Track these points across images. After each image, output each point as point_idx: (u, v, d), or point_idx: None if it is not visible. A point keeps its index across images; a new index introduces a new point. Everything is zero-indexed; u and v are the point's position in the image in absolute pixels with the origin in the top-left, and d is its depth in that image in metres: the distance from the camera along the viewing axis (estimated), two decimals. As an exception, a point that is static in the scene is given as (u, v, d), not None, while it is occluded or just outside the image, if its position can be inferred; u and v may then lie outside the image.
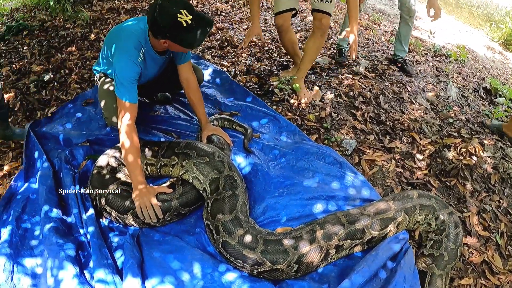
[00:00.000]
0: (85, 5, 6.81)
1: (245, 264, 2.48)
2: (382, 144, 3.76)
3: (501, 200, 3.44)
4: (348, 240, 2.63)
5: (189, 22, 2.63)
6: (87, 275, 2.46)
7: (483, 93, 5.22)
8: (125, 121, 2.80)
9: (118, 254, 2.60)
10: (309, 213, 2.88)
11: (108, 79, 3.39)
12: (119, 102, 2.85)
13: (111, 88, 3.27)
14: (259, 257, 2.45)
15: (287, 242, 2.52)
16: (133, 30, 2.97)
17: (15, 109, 4.15)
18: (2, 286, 2.36)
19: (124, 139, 2.77)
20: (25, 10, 7.00)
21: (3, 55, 5.37)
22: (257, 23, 4.11)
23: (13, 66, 4.98)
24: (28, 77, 4.70)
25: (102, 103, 3.35)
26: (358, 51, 5.40)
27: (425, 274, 2.64)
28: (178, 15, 2.61)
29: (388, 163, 3.52)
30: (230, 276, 2.46)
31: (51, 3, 6.23)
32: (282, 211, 2.88)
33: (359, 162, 3.52)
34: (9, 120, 3.66)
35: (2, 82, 4.13)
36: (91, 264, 2.48)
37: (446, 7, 10.19)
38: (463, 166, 3.56)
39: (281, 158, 3.34)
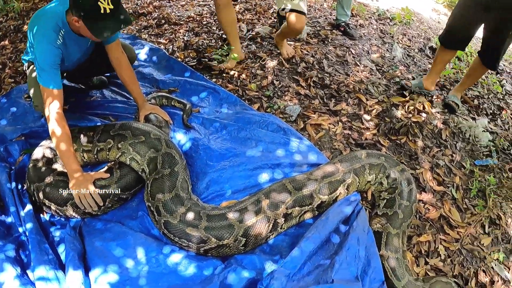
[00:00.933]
0: (16, -4, 6.51)
1: (190, 243, 2.39)
2: (328, 108, 3.70)
3: (454, 154, 3.46)
4: (296, 208, 2.57)
5: (108, 11, 2.52)
6: (31, 275, 2.35)
7: (430, 52, 5.23)
8: (53, 109, 2.66)
9: (61, 249, 2.51)
10: (255, 183, 2.82)
11: (36, 67, 3.23)
12: (44, 90, 2.71)
13: (39, 76, 3.11)
14: (203, 234, 2.37)
15: (231, 215, 2.44)
16: (51, 12, 2.82)
17: None
18: None
19: (54, 127, 2.64)
20: (-46, 8, 6.66)
21: None
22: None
23: None
24: (-41, 78, 4.47)
25: (31, 91, 3.19)
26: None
27: (380, 235, 2.61)
28: None
29: (334, 126, 3.47)
30: (176, 257, 2.39)
31: (-19, -2, 5.96)
32: (226, 184, 2.82)
33: (304, 128, 3.45)
34: None
35: None
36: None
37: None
38: (412, 123, 3.55)
39: (222, 130, 3.27)
